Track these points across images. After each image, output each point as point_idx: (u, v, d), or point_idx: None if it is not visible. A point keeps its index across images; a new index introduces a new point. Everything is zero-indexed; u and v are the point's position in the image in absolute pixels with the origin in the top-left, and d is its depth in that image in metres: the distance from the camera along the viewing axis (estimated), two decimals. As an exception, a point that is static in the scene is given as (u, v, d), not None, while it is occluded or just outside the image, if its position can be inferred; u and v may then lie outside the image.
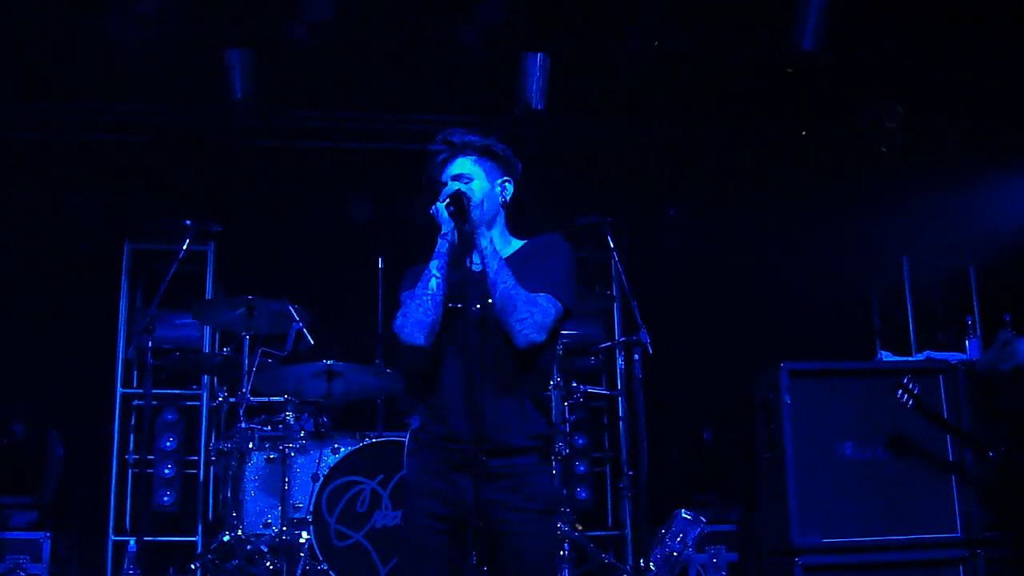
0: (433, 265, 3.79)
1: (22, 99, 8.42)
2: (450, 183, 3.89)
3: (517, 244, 4.05)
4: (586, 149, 9.07)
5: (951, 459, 6.68)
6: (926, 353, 7.59)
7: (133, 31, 7.63)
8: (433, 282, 3.76)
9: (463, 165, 3.99)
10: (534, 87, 7.94)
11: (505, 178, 4.06)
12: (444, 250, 3.81)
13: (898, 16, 7.78)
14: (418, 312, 3.75)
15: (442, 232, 3.83)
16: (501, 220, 4.05)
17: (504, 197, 4.04)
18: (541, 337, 3.72)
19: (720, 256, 9.06)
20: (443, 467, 3.77)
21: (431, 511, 3.74)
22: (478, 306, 3.76)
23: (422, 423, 3.91)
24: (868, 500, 6.57)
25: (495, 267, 3.73)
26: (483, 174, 3.99)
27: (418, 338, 3.75)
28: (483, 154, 4.03)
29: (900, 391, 6.34)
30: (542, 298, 3.76)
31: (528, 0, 7.82)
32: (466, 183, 3.92)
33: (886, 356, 7.57)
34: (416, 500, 3.81)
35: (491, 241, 3.78)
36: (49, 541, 7.55)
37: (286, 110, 8.83)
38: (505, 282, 3.72)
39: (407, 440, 4.01)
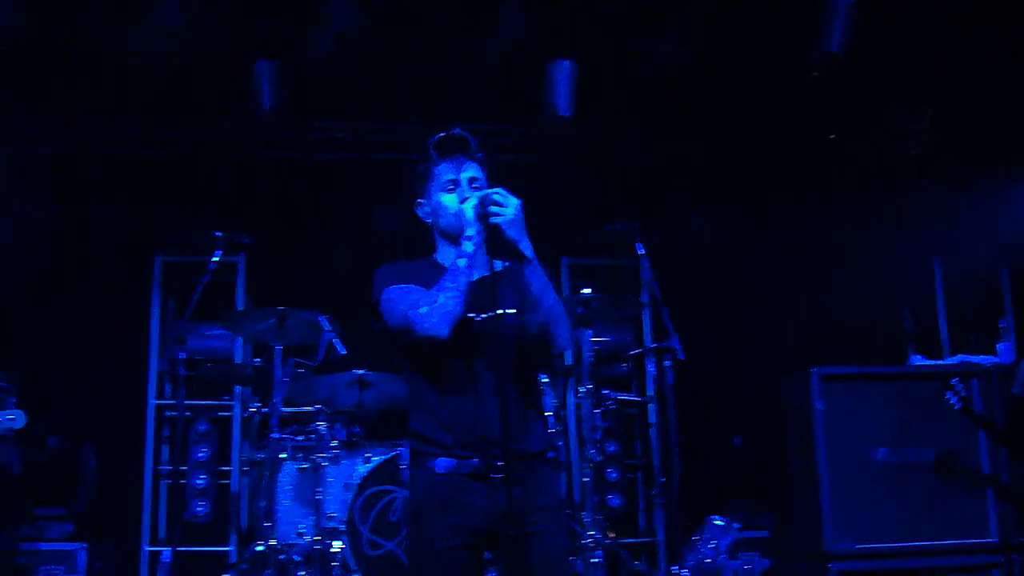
0: (461, 262, 3.65)
1: (51, 114, 8.49)
2: (485, 189, 3.78)
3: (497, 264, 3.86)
4: (614, 156, 9.06)
5: (987, 471, 6.64)
6: (959, 357, 7.55)
7: (160, 45, 7.67)
8: (462, 279, 3.63)
9: (474, 170, 3.93)
10: (561, 95, 7.94)
11: None
12: (471, 251, 3.67)
13: (926, 18, 7.73)
14: (448, 304, 3.59)
15: (466, 234, 3.69)
16: None
17: None
18: (571, 346, 3.76)
19: (750, 261, 9.03)
20: (458, 478, 3.68)
21: (453, 524, 3.64)
22: (493, 313, 3.68)
23: (423, 435, 3.76)
24: (902, 505, 6.55)
25: (540, 283, 3.69)
26: (486, 185, 3.92)
27: (443, 329, 3.58)
28: (483, 165, 3.97)
29: (949, 393, 6.29)
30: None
31: (553, 7, 7.82)
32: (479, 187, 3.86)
33: (918, 360, 7.54)
34: (432, 516, 3.68)
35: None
36: (84, 552, 7.59)
37: (313, 122, 8.87)
38: (551, 295, 3.71)
39: (407, 455, 3.88)
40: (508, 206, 3.61)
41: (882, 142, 8.76)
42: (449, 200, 3.86)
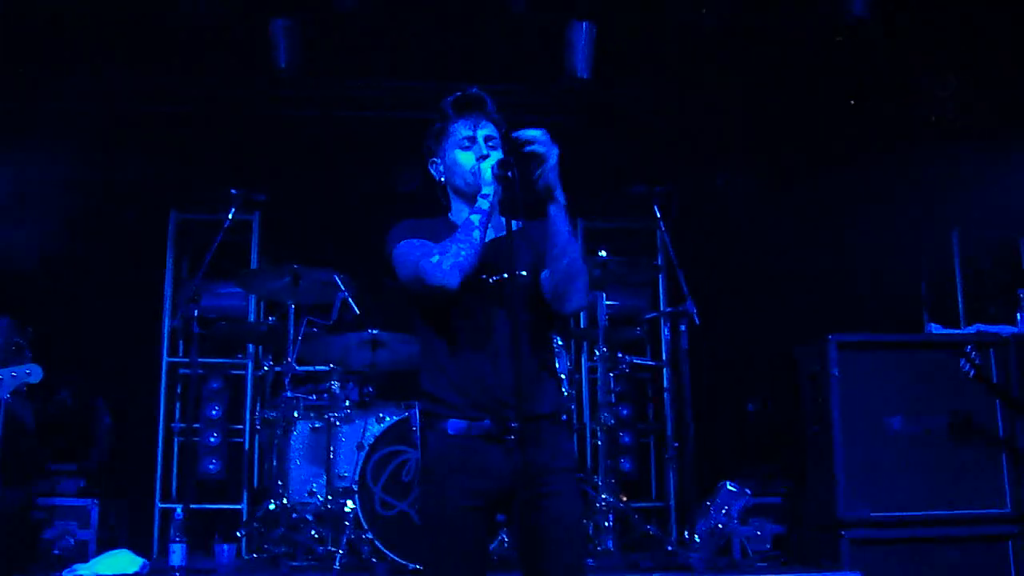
0: (475, 218, 3.62)
1: (67, 71, 8.46)
2: (499, 150, 3.75)
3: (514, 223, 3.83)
4: (632, 118, 9.01)
5: (1002, 436, 6.61)
6: (976, 326, 7.50)
7: (178, 2, 7.64)
8: (476, 233, 3.59)
9: (490, 128, 3.88)
10: (580, 56, 7.88)
11: None
12: (486, 208, 3.64)
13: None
14: (460, 255, 3.54)
15: (483, 193, 3.66)
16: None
17: None
18: (586, 305, 3.73)
19: (768, 227, 8.97)
20: (471, 440, 3.64)
21: (465, 486, 3.61)
22: (505, 275, 3.64)
23: (435, 395, 3.71)
24: (916, 474, 6.52)
25: (568, 231, 3.65)
26: (501, 144, 3.86)
27: (454, 279, 3.52)
28: (499, 125, 3.90)
29: (963, 361, 6.25)
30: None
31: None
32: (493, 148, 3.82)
33: (935, 328, 7.49)
34: (444, 478, 3.63)
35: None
36: (97, 508, 7.61)
37: (330, 79, 8.83)
38: (576, 248, 3.69)
39: (418, 416, 3.83)
40: (550, 151, 3.58)
41: (904, 108, 8.69)
42: (465, 157, 3.83)
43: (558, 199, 3.62)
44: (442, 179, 3.94)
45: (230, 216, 7.11)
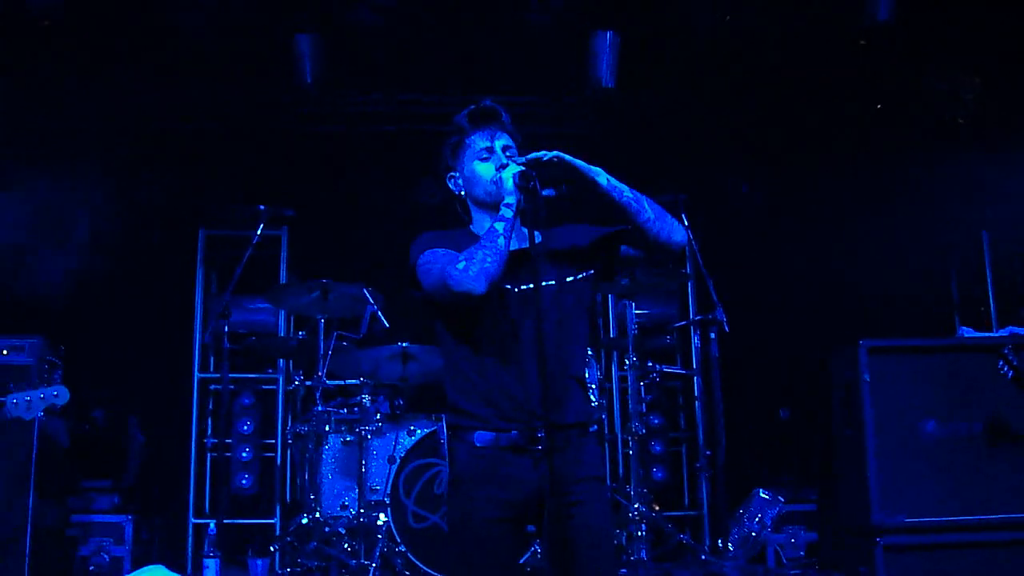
0: (500, 226, 3.61)
1: (94, 89, 8.53)
2: (518, 157, 3.76)
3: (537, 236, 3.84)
4: (658, 126, 9.01)
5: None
6: (1009, 329, 7.44)
7: (203, 19, 7.70)
8: (501, 240, 3.58)
9: (506, 139, 3.91)
10: (604, 65, 7.89)
11: None
12: (510, 216, 3.64)
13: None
14: (486, 260, 3.53)
15: (505, 202, 3.66)
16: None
17: None
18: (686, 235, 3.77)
19: (795, 232, 8.95)
20: (499, 451, 3.63)
21: (494, 498, 3.61)
22: (531, 285, 3.64)
23: (462, 407, 3.71)
24: (951, 479, 6.47)
25: (628, 187, 3.69)
26: (518, 153, 3.91)
27: (480, 285, 3.49)
28: (514, 136, 3.94)
29: (1001, 362, 6.20)
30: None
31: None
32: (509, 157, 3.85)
33: (967, 332, 7.44)
34: (473, 490, 3.63)
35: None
36: (131, 524, 7.67)
37: (355, 94, 8.88)
38: (645, 198, 3.71)
39: (445, 428, 3.84)
40: (558, 152, 3.63)
41: (931, 111, 8.65)
42: (485, 169, 3.84)
43: (598, 173, 3.66)
44: (461, 192, 3.95)
45: (258, 232, 7.15)
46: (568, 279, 3.79)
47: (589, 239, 3.90)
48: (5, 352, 6.76)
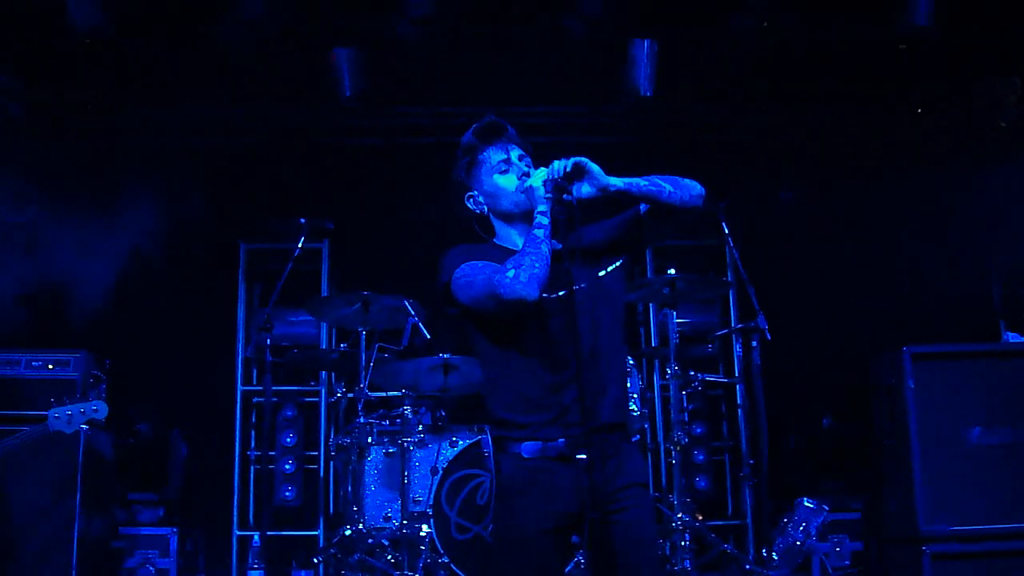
0: (540, 232, 3.62)
1: (136, 104, 8.62)
2: (556, 162, 3.70)
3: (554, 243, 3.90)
4: (696, 134, 8.99)
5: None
6: (1055, 334, 7.38)
7: (243, 34, 7.76)
8: (544, 246, 3.59)
9: (519, 149, 3.95)
10: (642, 74, 7.88)
11: None
12: (547, 223, 3.65)
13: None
14: (535, 267, 3.53)
15: (539, 209, 3.68)
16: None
17: None
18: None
19: (836, 238, 8.90)
20: (546, 462, 3.63)
21: (541, 509, 3.60)
22: (564, 292, 3.64)
23: (505, 419, 3.71)
24: (998, 486, 6.41)
25: (645, 177, 3.74)
26: (532, 162, 3.96)
27: (532, 291, 3.50)
28: (522, 145, 3.98)
29: None
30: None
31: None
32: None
33: (1012, 337, 7.37)
34: (521, 502, 3.63)
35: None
36: (176, 536, 7.72)
37: (393, 107, 8.91)
38: (660, 177, 3.78)
39: (489, 439, 3.82)
40: (576, 158, 3.64)
41: (972, 114, 8.59)
42: (507, 180, 3.87)
43: (610, 178, 3.67)
44: (482, 209, 3.98)
45: (299, 245, 7.18)
46: (600, 274, 3.81)
47: (609, 231, 3.92)
48: (51, 366, 6.84)
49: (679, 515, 7.02)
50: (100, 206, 8.71)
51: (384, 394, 7.90)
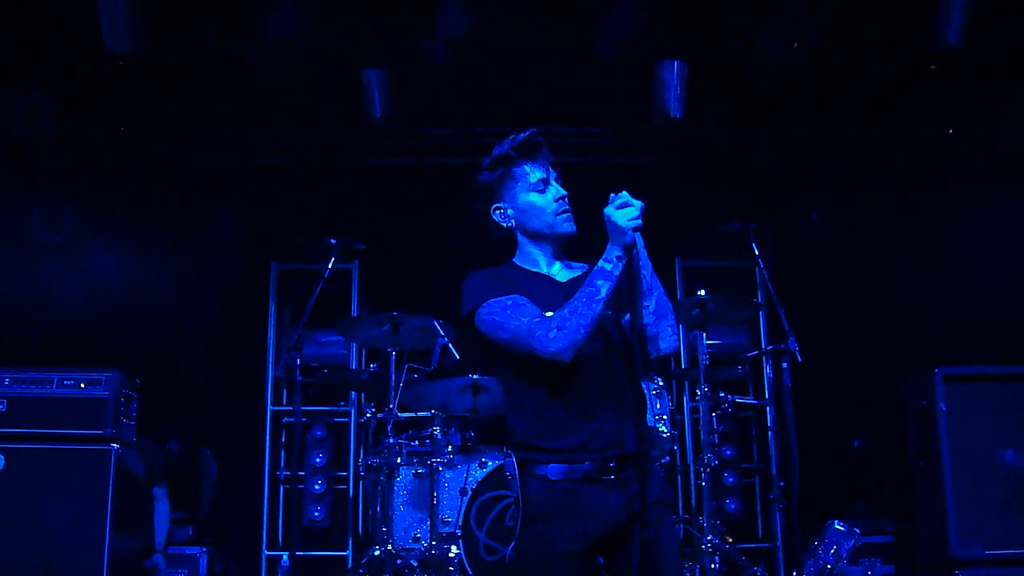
0: (603, 287, 3.53)
1: (167, 125, 8.69)
2: (622, 194, 3.62)
3: (577, 265, 3.91)
4: (726, 155, 8.98)
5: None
6: (1088, 356, 7.31)
7: (273, 55, 7.81)
8: (600, 305, 3.53)
9: (555, 170, 3.91)
10: (672, 95, 7.89)
11: None
12: (617, 274, 3.56)
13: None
14: (579, 332, 3.50)
15: (615, 254, 3.57)
16: None
17: None
18: (677, 346, 3.72)
19: (867, 259, 8.86)
20: (572, 484, 3.59)
21: (568, 531, 3.56)
22: (602, 343, 3.65)
23: (532, 443, 3.66)
24: (1031, 510, 6.36)
25: (650, 269, 3.66)
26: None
27: (569, 355, 3.51)
28: (556, 166, 3.94)
29: None
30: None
31: (661, 8, 7.76)
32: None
33: (1046, 360, 7.31)
34: (549, 524, 3.58)
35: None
36: (205, 556, 7.73)
37: (423, 128, 8.95)
38: (659, 285, 3.69)
39: (514, 461, 3.77)
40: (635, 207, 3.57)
41: (1003, 134, 8.53)
42: (543, 200, 3.83)
43: (637, 245, 3.61)
44: (509, 224, 3.93)
45: (330, 266, 7.18)
46: (626, 320, 3.75)
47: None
48: (83, 385, 6.84)
49: (709, 537, 6.98)
50: (132, 226, 8.78)
51: (413, 414, 7.89)
